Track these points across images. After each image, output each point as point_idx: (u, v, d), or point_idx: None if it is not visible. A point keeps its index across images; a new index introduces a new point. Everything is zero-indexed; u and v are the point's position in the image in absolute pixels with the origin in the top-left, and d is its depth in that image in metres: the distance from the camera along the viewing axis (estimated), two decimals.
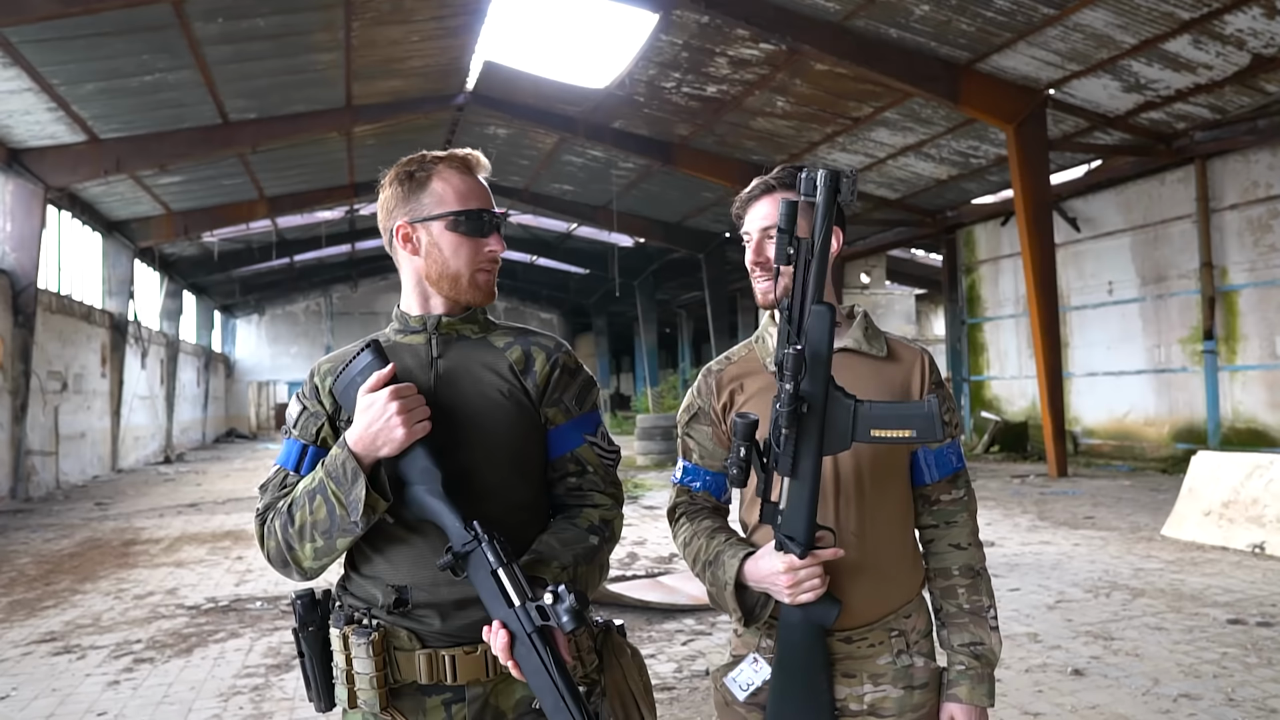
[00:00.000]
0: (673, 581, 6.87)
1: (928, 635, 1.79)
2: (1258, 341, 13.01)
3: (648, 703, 1.62)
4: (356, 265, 33.19)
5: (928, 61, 12.20)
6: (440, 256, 1.59)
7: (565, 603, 1.33)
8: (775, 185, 1.77)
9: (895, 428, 1.55)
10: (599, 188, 21.36)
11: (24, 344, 14.18)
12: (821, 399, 1.55)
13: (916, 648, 1.75)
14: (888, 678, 1.71)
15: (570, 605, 1.33)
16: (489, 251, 1.59)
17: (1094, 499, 10.84)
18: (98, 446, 18.55)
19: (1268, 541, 7.26)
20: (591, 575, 1.58)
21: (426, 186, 1.59)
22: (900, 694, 1.71)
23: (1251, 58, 11.02)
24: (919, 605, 1.81)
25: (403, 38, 13.13)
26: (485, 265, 1.60)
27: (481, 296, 1.62)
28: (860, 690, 1.70)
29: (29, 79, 11.53)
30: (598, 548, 1.60)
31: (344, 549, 1.51)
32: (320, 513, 1.47)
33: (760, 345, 1.84)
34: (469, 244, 1.58)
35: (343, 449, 1.47)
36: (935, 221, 19.33)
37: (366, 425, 1.45)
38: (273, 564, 1.57)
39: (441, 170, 1.60)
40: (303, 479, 1.55)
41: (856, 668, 1.70)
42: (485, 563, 1.41)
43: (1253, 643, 4.94)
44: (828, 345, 1.55)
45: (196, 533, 10.40)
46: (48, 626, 6.20)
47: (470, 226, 1.57)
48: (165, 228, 19.75)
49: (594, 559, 1.58)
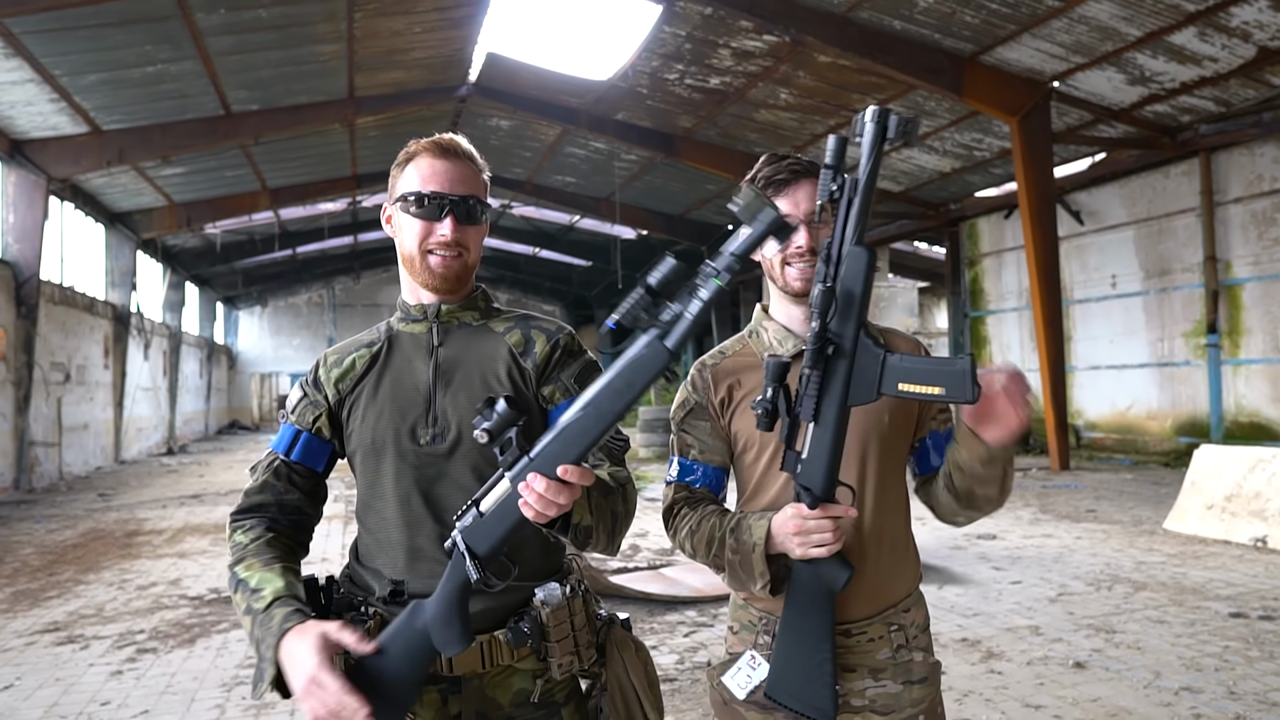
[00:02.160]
0: (674, 573, 6.88)
1: (925, 630, 1.78)
2: (1261, 335, 12.98)
3: (652, 699, 1.59)
4: (359, 257, 33.16)
5: (931, 53, 12.16)
6: (401, 237, 1.63)
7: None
8: (802, 170, 1.76)
9: (924, 383, 1.48)
10: (601, 180, 21.33)
11: (27, 335, 14.20)
12: (851, 342, 1.50)
13: (915, 642, 1.74)
14: (887, 673, 1.70)
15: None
16: (439, 236, 1.58)
17: (1096, 492, 10.83)
18: (100, 438, 18.58)
19: (1270, 535, 7.26)
20: (604, 504, 1.50)
21: (405, 170, 1.63)
22: (900, 689, 1.70)
23: (1257, 50, 10.97)
24: (917, 599, 1.80)
25: (405, 29, 13.10)
26: (436, 248, 1.59)
27: (434, 280, 1.61)
28: (861, 685, 1.69)
29: (31, 70, 11.51)
30: (612, 488, 1.54)
31: None
32: (245, 623, 1.47)
33: (755, 339, 1.82)
34: (422, 226, 1.59)
35: (275, 637, 1.38)
36: (938, 214, 19.28)
37: (302, 692, 1.34)
38: None
39: (418, 154, 1.63)
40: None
41: (856, 662, 1.69)
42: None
43: (1254, 636, 4.94)
44: (863, 287, 1.50)
45: (199, 524, 10.42)
46: (51, 617, 6.22)
47: (421, 209, 1.58)
48: (168, 219, 19.73)
49: (605, 488, 1.52)
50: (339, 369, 1.64)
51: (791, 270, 1.73)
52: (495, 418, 1.35)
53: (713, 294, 1.29)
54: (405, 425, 1.57)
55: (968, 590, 6.21)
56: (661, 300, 1.31)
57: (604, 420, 1.33)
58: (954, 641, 5.04)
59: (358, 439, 1.60)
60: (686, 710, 4.14)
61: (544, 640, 1.52)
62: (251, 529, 1.57)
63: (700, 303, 1.29)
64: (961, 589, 6.24)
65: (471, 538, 1.37)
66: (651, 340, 1.32)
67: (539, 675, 1.55)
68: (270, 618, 1.41)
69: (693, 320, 1.29)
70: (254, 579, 1.48)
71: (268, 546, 1.54)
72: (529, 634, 1.51)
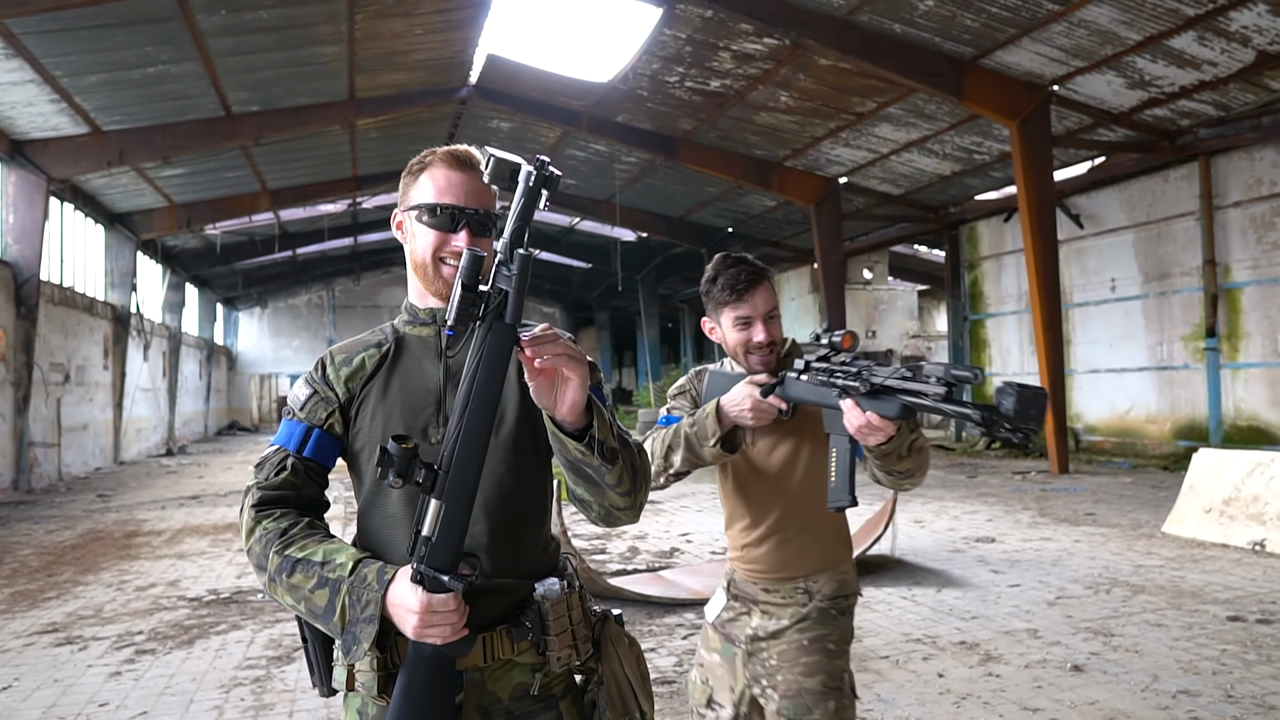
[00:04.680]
0: (673, 576, 6.88)
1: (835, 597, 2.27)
2: (1260, 339, 12.99)
3: (645, 692, 1.63)
4: (359, 258, 33.17)
5: (932, 57, 12.17)
6: (414, 245, 1.65)
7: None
8: (763, 272, 2.24)
9: None
10: (602, 182, 21.35)
11: (26, 336, 14.20)
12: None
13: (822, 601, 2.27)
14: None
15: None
16: (454, 247, 1.60)
17: (1095, 496, 10.84)
18: (100, 438, 18.58)
19: (1268, 539, 7.26)
20: (625, 449, 1.51)
21: (419, 179, 1.65)
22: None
23: (1256, 54, 10.99)
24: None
25: (406, 30, 13.12)
26: (449, 257, 1.61)
27: (446, 289, 1.62)
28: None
29: (31, 70, 11.52)
30: (629, 442, 1.56)
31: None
32: (319, 600, 1.44)
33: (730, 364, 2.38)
34: (436, 236, 1.61)
35: (378, 589, 1.40)
36: (938, 217, 19.30)
37: (416, 621, 1.36)
38: (249, 558, 1.56)
39: (433, 164, 1.64)
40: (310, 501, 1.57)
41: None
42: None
43: (1252, 640, 4.95)
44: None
45: (198, 525, 10.42)
46: (50, 617, 6.21)
47: (436, 220, 1.61)
48: (168, 220, 19.74)
49: (626, 443, 1.54)
50: (349, 367, 1.65)
51: (754, 358, 2.23)
52: (395, 462, 1.35)
53: (521, 263, 1.35)
54: (416, 425, 1.58)
55: (966, 593, 6.21)
56: (483, 293, 1.37)
57: (489, 411, 1.38)
58: (952, 644, 5.04)
59: (366, 437, 1.61)
60: (685, 712, 4.14)
61: (544, 634, 1.54)
62: (283, 516, 1.55)
63: (516, 275, 1.35)
64: (960, 592, 6.25)
65: (433, 558, 1.38)
66: (493, 325, 1.37)
67: (537, 669, 1.57)
68: (362, 578, 1.42)
69: (516, 292, 1.35)
70: (317, 554, 1.47)
71: (311, 528, 1.54)
72: (530, 627, 1.53)
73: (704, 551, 8.09)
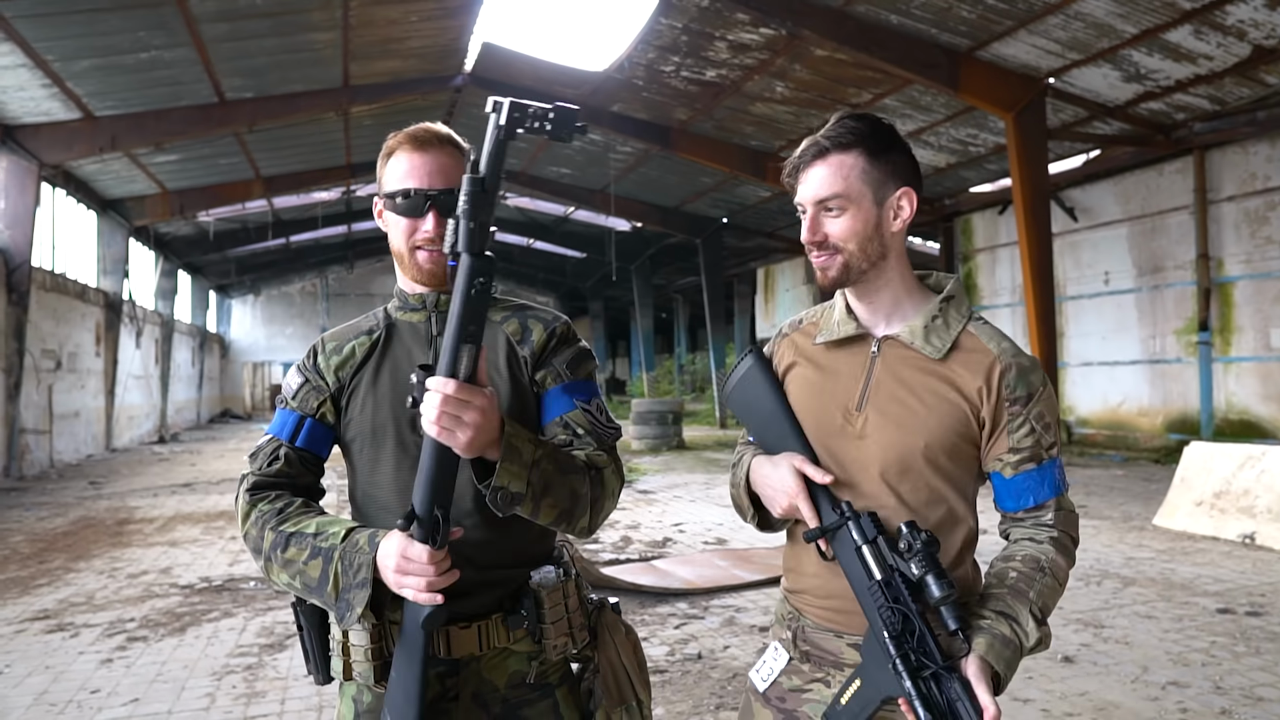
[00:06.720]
0: (666, 565, 6.89)
1: None
2: (1252, 333, 13.04)
3: (642, 679, 1.64)
4: (353, 246, 33.08)
5: (928, 48, 12.15)
6: (390, 234, 1.63)
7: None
8: (829, 147, 1.57)
9: None
10: (596, 171, 21.29)
11: (18, 322, 14.13)
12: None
13: None
14: None
15: None
16: (424, 232, 1.58)
17: (1087, 488, 10.88)
18: (92, 425, 18.53)
19: (1258, 532, 7.31)
20: (560, 481, 1.44)
21: (387, 164, 1.63)
22: None
23: (1252, 49, 10.99)
24: None
25: (401, 17, 13.04)
26: (423, 244, 1.59)
27: (423, 276, 1.61)
28: None
29: (23, 54, 11.43)
30: (578, 466, 1.50)
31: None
32: (313, 572, 1.45)
33: (825, 314, 1.68)
34: (406, 223, 1.59)
35: (369, 552, 1.41)
36: (933, 209, 19.30)
37: (394, 565, 1.36)
38: (245, 543, 1.57)
39: (397, 149, 1.62)
40: (307, 495, 1.56)
41: None
42: None
43: (1241, 632, 4.98)
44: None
45: (190, 512, 10.41)
46: (41, 604, 6.21)
47: (403, 206, 1.58)
48: (160, 206, 19.65)
49: (569, 466, 1.47)
50: (339, 356, 1.64)
51: (813, 261, 1.60)
52: (418, 390, 1.34)
53: (468, 186, 1.28)
54: (406, 414, 1.57)
55: None
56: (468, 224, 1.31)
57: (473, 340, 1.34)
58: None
59: (357, 427, 1.60)
60: (677, 701, 4.16)
61: (540, 622, 1.54)
62: (278, 498, 1.56)
63: (464, 199, 1.28)
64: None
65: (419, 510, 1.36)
66: (463, 261, 1.30)
67: (534, 657, 1.57)
68: (354, 543, 1.44)
69: (464, 218, 1.28)
70: (310, 526, 1.49)
71: (306, 508, 1.55)
72: (526, 616, 1.53)
73: (696, 542, 8.10)
